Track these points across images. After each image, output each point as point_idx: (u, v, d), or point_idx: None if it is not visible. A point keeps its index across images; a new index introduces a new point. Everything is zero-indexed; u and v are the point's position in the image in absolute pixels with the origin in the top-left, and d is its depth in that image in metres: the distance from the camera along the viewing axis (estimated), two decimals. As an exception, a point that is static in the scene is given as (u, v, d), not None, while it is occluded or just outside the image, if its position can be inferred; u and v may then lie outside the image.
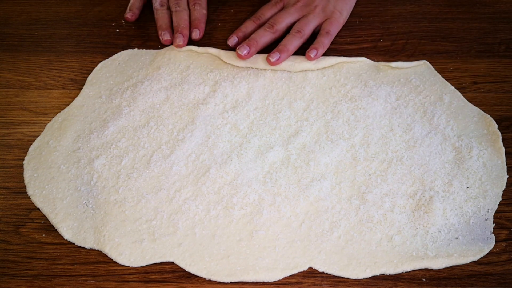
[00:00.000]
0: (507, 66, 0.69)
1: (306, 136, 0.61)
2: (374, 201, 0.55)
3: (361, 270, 0.51)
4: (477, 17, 0.76)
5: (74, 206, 0.56)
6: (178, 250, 0.52)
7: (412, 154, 0.59)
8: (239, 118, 0.63)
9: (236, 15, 0.78)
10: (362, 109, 0.63)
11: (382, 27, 0.75)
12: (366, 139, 0.61)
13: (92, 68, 0.71)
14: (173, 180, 0.58)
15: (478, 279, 0.50)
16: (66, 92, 0.69)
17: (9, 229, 0.55)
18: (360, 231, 0.53)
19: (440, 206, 0.54)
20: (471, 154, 0.58)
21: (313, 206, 0.55)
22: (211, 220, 0.54)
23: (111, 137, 0.62)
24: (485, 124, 0.62)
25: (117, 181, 0.58)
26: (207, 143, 0.61)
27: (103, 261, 0.53)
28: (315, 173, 0.58)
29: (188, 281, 0.51)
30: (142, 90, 0.67)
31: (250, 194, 0.56)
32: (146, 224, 0.54)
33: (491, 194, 0.56)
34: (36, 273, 0.52)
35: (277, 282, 0.51)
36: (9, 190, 0.59)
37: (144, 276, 0.51)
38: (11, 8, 0.81)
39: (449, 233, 0.53)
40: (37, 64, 0.72)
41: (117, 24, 0.78)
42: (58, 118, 0.65)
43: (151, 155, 0.60)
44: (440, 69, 0.68)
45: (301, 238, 0.53)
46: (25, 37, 0.76)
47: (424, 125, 0.62)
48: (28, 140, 0.63)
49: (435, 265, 0.51)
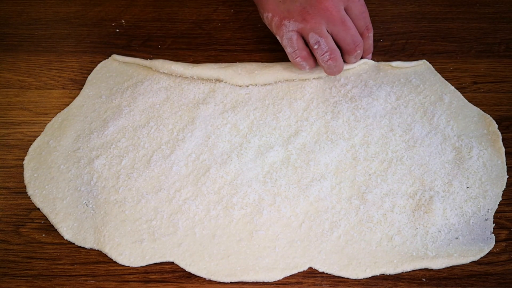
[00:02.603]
0: (507, 66, 0.69)
1: (306, 136, 0.61)
2: (374, 201, 0.55)
3: (361, 270, 0.51)
4: (477, 17, 0.76)
5: (74, 206, 0.56)
6: (178, 250, 0.52)
7: (412, 154, 0.59)
8: (239, 118, 0.63)
9: (236, 15, 0.78)
10: (362, 109, 0.63)
11: (382, 27, 0.75)
12: (366, 139, 0.61)
13: (92, 68, 0.71)
14: (173, 180, 0.58)
15: (478, 279, 0.50)
16: (66, 92, 0.69)
17: (9, 229, 0.55)
18: (360, 231, 0.53)
19: (440, 206, 0.54)
20: (471, 154, 0.58)
21: (313, 206, 0.55)
22: (211, 220, 0.54)
23: (111, 137, 0.62)
24: (485, 124, 0.62)
25: (117, 181, 0.58)
26: (207, 143, 0.61)
27: (103, 261, 0.53)
28: (315, 173, 0.58)
29: (188, 281, 0.51)
30: (142, 90, 0.67)
31: (250, 194, 0.56)
32: (146, 224, 0.54)
33: (491, 194, 0.56)
34: (36, 273, 0.52)
35: (277, 282, 0.51)
36: (9, 190, 0.59)
37: (144, 276, 0.51)
38: (11, 8, 0.81)
39: (449, 233, 0.53)
40: (37, 64, 0.72)
41: (117, 24, 0.78)
42: (58, 118, 0.65)
43: (151, 155, 0.60)
44: (440, 69, 0.68)
45: (301, 238, 0.53)
46: (25, 37, 0.76)
47: (424, 125, 0.62)
48: (28, 140, 0.63)
49: (435, 265, 0.51)
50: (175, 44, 0.75)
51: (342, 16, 0.62)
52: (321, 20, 0.62)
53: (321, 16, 0.61)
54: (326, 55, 0.62)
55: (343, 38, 0.63)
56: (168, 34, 0.76)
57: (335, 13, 0.61)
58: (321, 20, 0.61)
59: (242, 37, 0.75)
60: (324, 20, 0.62)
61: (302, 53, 0.64)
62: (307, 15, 0.61)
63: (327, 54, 0.62)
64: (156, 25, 0.78)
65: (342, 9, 0.62)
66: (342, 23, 0.62)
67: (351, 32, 0.63)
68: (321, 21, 0.62)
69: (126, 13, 0.79)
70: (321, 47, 0.62)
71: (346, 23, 0.62)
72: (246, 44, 0.74)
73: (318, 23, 0.61)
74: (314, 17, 0.61)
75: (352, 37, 0.63)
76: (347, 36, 0.63)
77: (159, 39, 0.75)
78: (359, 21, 0.64)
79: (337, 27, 0.62)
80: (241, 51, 0.73)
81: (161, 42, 0.75)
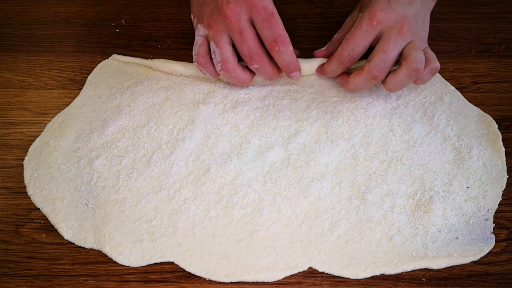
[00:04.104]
0: (507, 66, 0.69)
1: (306, 136, 0.61)
2: (374, 201, 0.55)
3: (361, 270, 0.51)
4: (477, 17, 0.76)
5: (74, 206, 0.56)
6: (178, 250, 0.52)
7: (412, 154, 0.59)
8: (239, 118, 0.63)
9: (236, 15, 0.78)
10: (362, 109, 0.63)
11: (382, 27, 0.75)
12: (366, 139, 0.61)
13: (92, 68, 0.71)
14: (173, 180, 0.58)
15: (478, 279, 0.50)
16: (66, 92, 0.69)
17: (9, 229, 0.55)
18: (360, 231, 0.53)
19: (440, 206, 0.54)
20: (471, 154, 0.58)
21: (313, 206, 0.55)
22: (211, 220, 0.54)
23: (111, 137, 0.62)
24: (485, 124, 0.62)
25: (117, 181, 0.58)
26: (207, 143, 0.61)
27: (103, 261, 0.53)
28: (315, 173, 0.58)
29: (188, 281, 0.51)
30: (142, 90, 0.67)
31: (250, 194, 0.56)
32: (146, 224, 0.54)
33: (491, 194, 0.56)
34: (36, 273, 0.52)
35: (277, 282, 0.51)
36: (9, 190, 0.59)
37: (144, 276, 0.51)
38: (11, 8, 0.81)
39: (449, 233, 0.53)
40: (37, 64, 0.72)
41: (117, 24, 0.78)
42: (58, 118, 0.65)
43: (151, 155, 0.60)
44: (440, 69, 0.68)
45: (301, 238, 0.53)
46: (25, 37, 0.76)
47: (424, 125, 0.62)
48: (28, 140, 0.63)
49: (435, 265, 0.51)
50: (175, 44, 0.75)
51: (242, 26, 0.58)
52: (223, 28, 0.59)
53: (223, 23, 0.59)
54: (219, 65, 0.61)
55: (240, 49, 0.60)
56: (168, 34, 0.76)
57: (235, 21, 0.58)
58: (223, 28, 0.59)
59: (242, 37, 0.75)
60: (226, 28, 0.59)
61: (200, 59, 0.62)
62: (212, 22, 0.60)
63: (219, 65, 0.61)
64: (156, 25, 0.78)
65: (244, 18, 0.58)
66: (240, 33, 0.59)
67: (248, 45, 0.59)
68: (223, 29, 0.59)
69: (126, 13, 0.79)
70: (215, 57, 0.61)
71: (244, 34, 0.59)
72: (246, 44, 0.74)
73: (219, 31, 0.60)
74: (217, 24, 0.60)
75: (248, 49, 0.59)
76: (243, 48, 0.60)
77: (159, 39, 0.75)
78: (264, 32, 0.59)
79: (235, 37, 0.59)
80: (241, 51, 0.73)
81: (161, 42, 0.75)
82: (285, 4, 0.79)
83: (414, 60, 0.57)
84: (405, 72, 0.58)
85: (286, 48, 0.59)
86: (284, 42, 0.59)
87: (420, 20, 0.61)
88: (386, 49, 0.58)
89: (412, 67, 0.57)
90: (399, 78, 0.59)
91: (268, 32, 0.59)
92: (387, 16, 0.59)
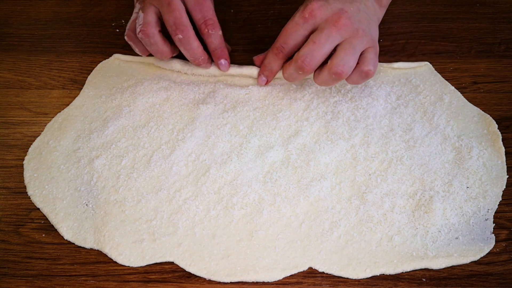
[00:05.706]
0: (507, 66, 0.69)
1: (306, 136, 0.61)
2: (374, 201, 0.55)
3: (361, 270, 0.51)
4: (477, 17, 0.76)
5: (74, 206, 0.56)
6: (178, 250, 0.52)
7: (412, 154, 0.59)
8: (239, 118, 0.63)
9: (236, 15, 0.78)
10: (362, 109, 0.63)
11: (382, 27, 0.75)
12: (366, 139, 0.61)
13: (92, 68, 0.71)
14: (173, 180, 0.58)
15: (478, 279, 0.50)
16: (66, 92, 0.69)
17: (9, 229, 0.55)
18: (360, 231, 0.53)
19: (440, 206, 0.54)
20: (471, 154, 0.58)
21: (313, 206, 0.55)
22: (211, 220, 0.54)
23: (111, 137, 0.62)
24: (485, 124, 0.62)
25: (117, 181, 0.58)
26: (207, 143, 0.61)
27: (103, 261, 0.53)
28: (315, 173, 0.58)
29: (188, 281, 0.51)
30: (142, 90, 0.67)
31: (250, 194, 0.56)
32: (146, 224, 0.54)
33: (491, 194, 0.56)
34: (36, 273, 0.52)
35: (277, 282, 0.51)
36: (9, 190, 0.59)
37: (144, 276, 0.51)
38: (11, 8, 0.81)
39: (449, 233, 0.53)
40: (37, 64, 0.72)
41: (117, 24, 0.78)
42: (58, 118, 0.65)
43: (151, 155, 0.60)
44: (440, 69, 0.68)
45: (301, 238, 0.53)
46: (25, 37, 0.76)
47: (424, 125, 0.62)
48: (28, 140, 0.63)
49: (435, 265, 0.51)
50: (175, 44, 0.75)
51: None
52: (154, 1, 0.61)
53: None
54: (139, 28, 0.61)
55: (166, 20, 0.61)
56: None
57: None
58: (154, 1, 0.61)
59: (242, 37, 0.75)
60: (156, 2, 0.61)
61: (130, 33, 0.64)
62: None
63: (139, 27, 0.61)
64: (156, 25, 0.78)
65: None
66: (168, 4, 0.60)
67: (174, 14, 0.60)
68: (154, 2, 0.61)
69: (126, 13, 0.79)
70: (138, 20, 0.62)
71: (172, 5, 0.60)
72: (246, 44, 0.74)
73: (149, 3, 0.62)
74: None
75: (174, 19, 0.60)
76: (169, 18, 0.60)
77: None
78: (195, 14, 0.61)
79: (163, 8, 0.60)
80: (241, 51, 0.73)
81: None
82: (285, 4, 0.79)
83: (335, 64, 0.57)
84: (327, 73, 0.58)
85: (215, 31, 0.62)
86: (213, 26, 0.61)
87: (363, 18, 0.60)
88: (316, 40, 0.57)
89: (332, 70, 0.57)
90: (322, 77, 0.59)
91: (199, 14, 0.61)
92: (321, 9, 0.58)
